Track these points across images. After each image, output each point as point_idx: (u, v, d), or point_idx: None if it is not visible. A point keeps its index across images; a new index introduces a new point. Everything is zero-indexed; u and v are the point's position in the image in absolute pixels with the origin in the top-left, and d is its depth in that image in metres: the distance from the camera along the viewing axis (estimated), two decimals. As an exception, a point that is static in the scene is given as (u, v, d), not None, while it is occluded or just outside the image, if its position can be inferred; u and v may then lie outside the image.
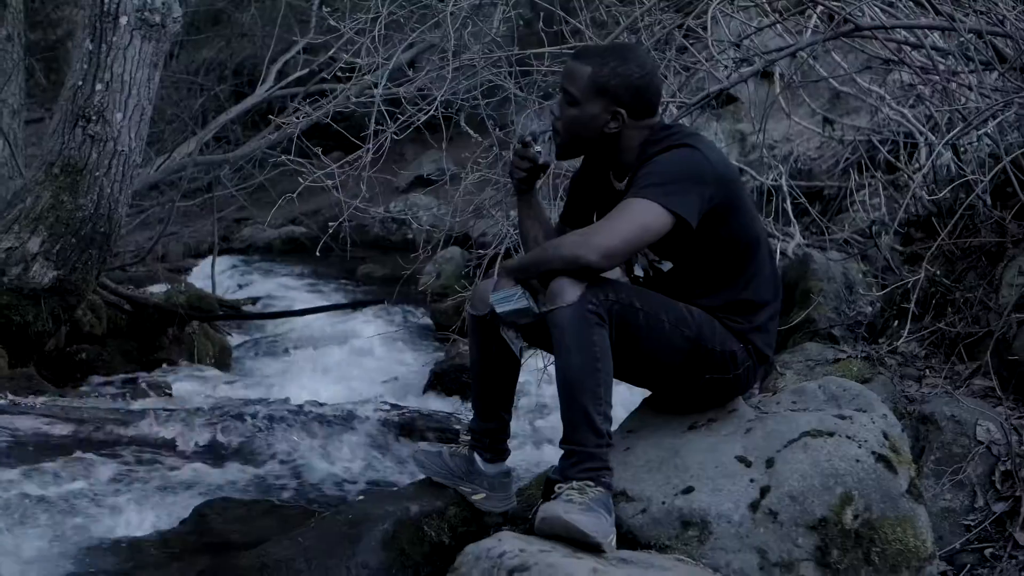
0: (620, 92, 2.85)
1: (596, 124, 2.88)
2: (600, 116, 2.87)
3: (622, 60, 2.87)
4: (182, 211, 9.68)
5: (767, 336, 2.98)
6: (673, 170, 2.75)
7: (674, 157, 2.79)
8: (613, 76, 2.84)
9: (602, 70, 2.84)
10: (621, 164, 2.93)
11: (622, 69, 2.85)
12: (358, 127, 5.07)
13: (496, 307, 2.80)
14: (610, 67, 2.84)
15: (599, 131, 2.88)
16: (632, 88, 2.85)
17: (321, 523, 3.09)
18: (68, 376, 5.82)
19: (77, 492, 4.01)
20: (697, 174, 2.76)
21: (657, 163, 2.79)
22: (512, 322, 2.84)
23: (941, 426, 3.30)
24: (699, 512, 2.72)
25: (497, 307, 2.80)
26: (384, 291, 8.03)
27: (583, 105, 2.87)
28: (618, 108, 2.86)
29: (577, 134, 2.91)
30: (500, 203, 4.97)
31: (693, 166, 2.77)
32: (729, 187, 2.83)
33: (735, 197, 2.86)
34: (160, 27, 5.45)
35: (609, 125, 2.87)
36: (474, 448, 3.08)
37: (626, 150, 2.91)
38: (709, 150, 2.84)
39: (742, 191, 2.94)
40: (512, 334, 2.89)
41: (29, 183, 5.51)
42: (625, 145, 2.90)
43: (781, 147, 7.16)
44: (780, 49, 4.33)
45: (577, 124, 2.89)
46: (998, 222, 3.95)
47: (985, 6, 4.01)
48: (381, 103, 4.53)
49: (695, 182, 2.75)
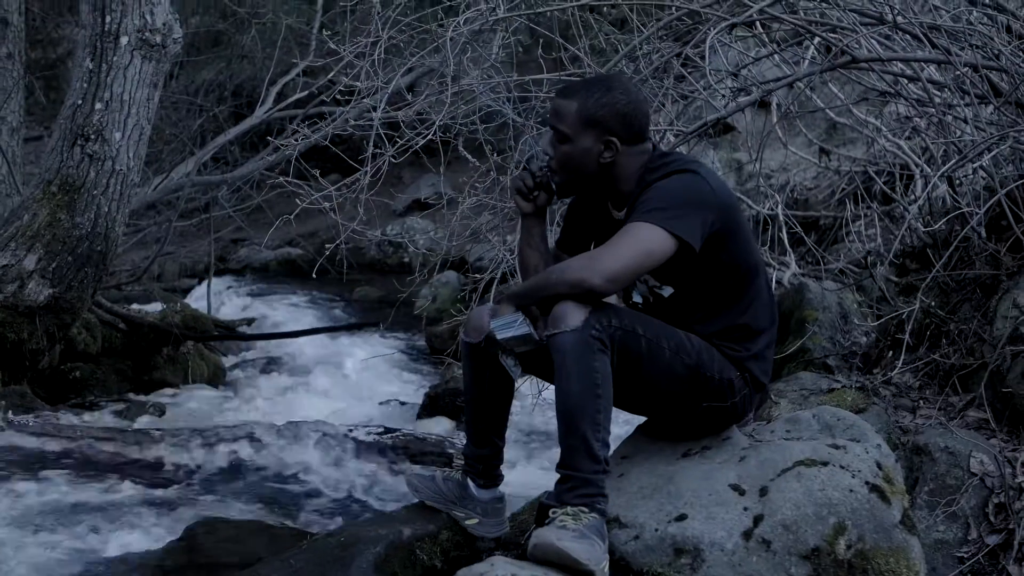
0: (609, 121, 2.86)
1: (591, 156, 2.89)
2: (594, 148, 2.88)
3: (606, 90, 2.89)
4: (179, 231, 9.67)
5: (764, 364, 2.99)
6: (675, 195, 2.77)
7: (675, 182, 2.80)
8: (600, 107, 2.86)
9: (587, 102, 2.86)
10: (620, 193, 2.94)
11: (607, 99, 2.87)
12: (356, 150, 5.09)
13: (496, 333, 2.79)
14: (595, 98, 2.86)
15: (595, 163, 2.90)
16: (620, 115, 2.87)
17: (313, 545, 3.08)
18: (62, 394, 5.81)
19: (69, 510, 4.00)
20: (698, 199, 2.78)
21: (658, 188, 2.80)
22: (510, 349, 2.83)
23: (935, 457, 3.30)
24: (692, 540, 2.71)
25: (497, 333, 2.79)
26: (379, 314, 8.02)
27: (575, 140, 2.88)
28: (610, 137, 2.87)
29: (575, 169, 2.92)
30: (497, 228, 4.98)
31: (694, 191, 2.79)
32: (729, 213, 2.85)
33: (735, 223, 2.87)
34: (160, 47, 5.47)
35: (604, 155, 2.89)
36: (467, 473, 3.07)
37: (624, 178, 2.92)
38: (709, 176, 2.86)
39: (741, 217, 2.96)
40: (511, 361, 2.88)
41: (27, 200, 5.51)
42: (622, 173, 2.91)
43: (777, 177, 7.19)
44: (778, 79, 4.35)
45: (573, 160, 2.91)
46: (993, 254, 3.96)
47: (981, 40, 4.05)
48: (380, 126, 4.54)
49: (697, 207, 2.76)
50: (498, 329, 2.80)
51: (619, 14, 5.86)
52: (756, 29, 4.62)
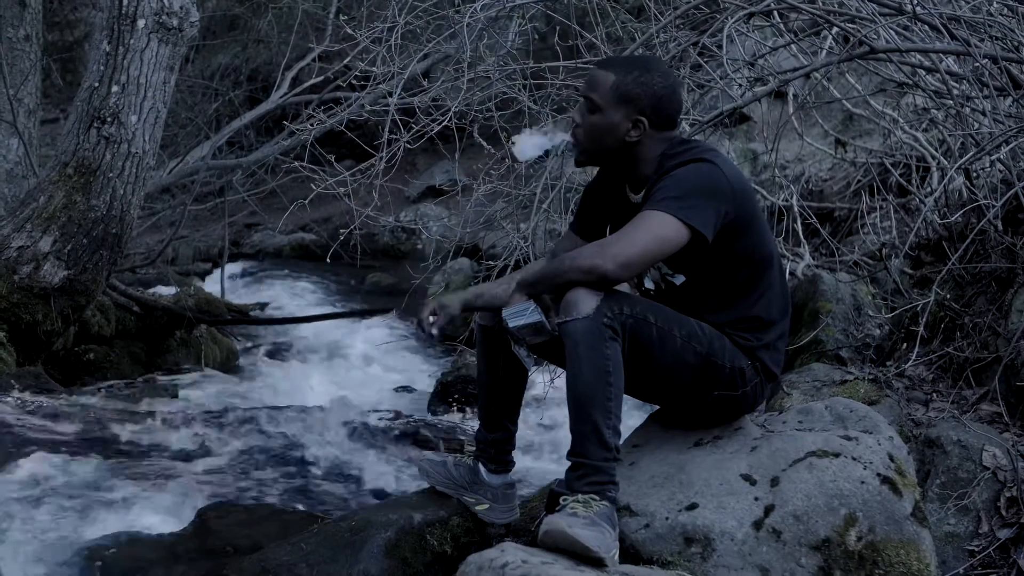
0: (642, 101, 2.86)
1: (617, 132, 2.88)
2: (622, 124, 2.88)
3: (646, 70, 2.88)
4: (193, 215, 9.69)
5: (776, 354, 2.98)
6: (690, 184, 2.76)
7: (691, 171, 2.79)
8: (636, 85, 2.86)
9: (626, 78, 2.86)
10: (638, 175, 2.94)
11: (645, 79, 2.86)
12: (371, 136, 5.08)
13: (508, 322, 2.79)
14: (633, 76, 2.86)
15: (620, 139, 2.89)
16: (655, 98, 2.87)
17: (324, 529, 3.10)
18: (75, 376, 5.83)
19: (80, 493, 4.01)
20: (714, 189, 2.77)
21: (674, 177, 2.79)
22: (522, 338, 2.83)
23: (947, 450, 3.29)
24: (702, 529, 2.71)
25: (509, 322, 2.79)
26: (392, 300, 8.03)
27: (605, 112, 2.88)
28: (640, 117, 2.87)
29: (598, 141, 2.92)
30: (511, 215, 4.98)
31: (710, 181, 2.78)
32: (745, 203, 2.84)
33: (750, 213, 2.86)
34: (177, 31, 5.47)
35: (630, 133, 2.88)
36: (479, 458, 3.08)
37: (644, 161, 2.91)
38: (726, 165, 2.85)
39: (756, 208, 2.94)
40: (523, 351, 2.88)
41: (42, 182, 5.53)
42: (644, 155, 2.91)
43: (793, 167, 7.17)
44: (794, 69, 4.33)
45: (598, 131, 2.90)
46: (1009, 248, 3.95)
47: (1001, 32, 4.02)
48: (395, 112, 4.53)
49: (712, 197, 2.76)
50: (510, 317, 2.79)
51: (636, 2, 5.85)
52: (773, 18, 4.60)
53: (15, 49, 6.93)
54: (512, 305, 2.82)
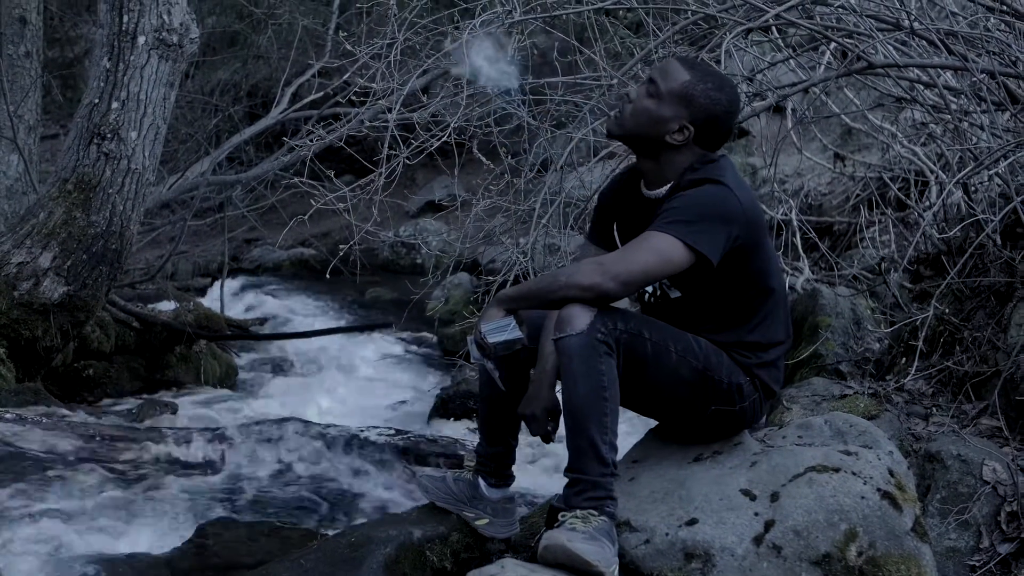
0: (700, 112, 2.86)
1: (662, 126, 2.87)
2: (671, 122, 2.87)
3: (718, 87, 2.89)
4: (193, 230, 9.70)
5: (775, 372, 2.98)
6: (702, 207, 2.76)
7: (705, 194, 2.79)
8: (703, 95, 2.86)
9: (697, 84, 2.86)
10: (660, 175, 2.93)
11: (714, 94, 2.86)
12: (371, 151, 5.09)
13: (488, 338, 2.76)
14: (705, 85, 2.86)
15: (661, 135, 2.88)
16: (712, 115, 2.87)
17: (323, 545, 3.09)
18: (75, 392, 5.83)
19: (79, 508, 4.01)
20: (725, 213, 2.76)
21: (686, 198, 2.79)
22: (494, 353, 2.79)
23: (947, 465, 3.29)
24: (702, 544, 2.71)
25: (489, 337, 2.76)
26: (392, 315, 8.03)
27: (662, 103, 2.87)
28: (689, 124, 2.86)
29: (641, 125, 2.90)
30: (510, 230, 4.98)
31: (721, 205, 2.77)
32: (754, 229, 2.83)
33: (758, 240, 2.86)
34: (177, 47, 5.49)
35: (673, 135, 2.88)
36: (479, 472, 3.08)
37: (672, 165, 2.91)
38: (740, 190, 2.83)
39: (765, 234, 2.93)
40: (491, 365, 2.86)
41: (42, 198, 5.53)
42: (674, 160, 2.90)
43: (792, 182, 7.18)
44: (793, 84, 4.34)
45: (646, 116, 2.89)
46: (1008, 262, 3.95)
47: (998, 47, 4.03)
48: (394, 128, 4.54)
49: (722, 221, 2.75)
50: (489, 332, 2.77)
51: (635, 18, 5.86)
52: (772, 34, 4.61)
53: (16, 66, 6.95)
54: (490, 320, 2.79)
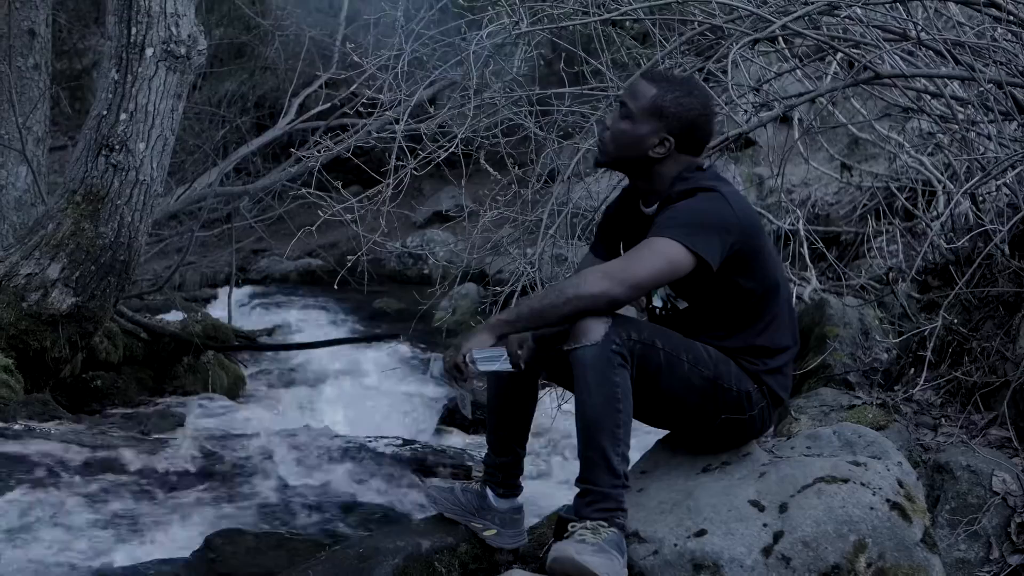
0: (675, 121, 2.87)
1: (643, 144, 2.89)
2: (649, 138, 2.88)
3: (687, 92, 2.90)
4: (200, 241, 9.71)
5: (783, 379, 2.98)
6: (697, 214, 2.77)
7: (698, 202, 2.80)
8: (674, 105, 2.87)
9: (666, 95, 2.87)
10: (652, 190, 2.95)
11: (685, 101, 2.87)
12: (378, 162, 5.10)
13: (479, 366, 2.75)
14: (674, 95, 2.87)
15: (643, 152, 2.90)
16: (688, 122, 2.88)
17: (331, 556, 3.08)
18: (83, 402, 5.84)
19: (87, 518, 4.01)
20: (720, 220, 2.78)
21: (681, 206, 2.81)
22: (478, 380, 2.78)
23: (956, 476, 3.28)
24: (711, 555, 2.70)
25: (480, 366, 2.75)
26: (399, 326, 8.03)
27: (636, 122, 2.89)
28: (669, 136, 2.88)
29: (622, 148, 2.92)
30: (517, 241, 4.98)
31: (715, 212, 2.79)
32: (750, 236, 2.84)
33: (756, 246, 2.86)
34: (185, 59, 5.51)
35: (655, 149, 2.89)
36: (487, 482, 3.07)
37: (660, 178, 2.93)
38: (733, 197, 2.85)
39: (763, 239, 2.94)
40: (465, 392, 2.85)
41: (51, 210, 5.55)
42: (662, 173, 2.92)
43: (799, 192, 7.17)
44: (800, 94, 4.34)
45: (625, 138, 2.91)
46: (1016, 272, 3.94)
47: (1005, 57, 4.03)
48: (402, 139, 4.55)
49: (717, 228, 2.77)
50: (481, 361, 2.75)
51: (641, 29, 5.86)
52: (779, 44, 4.61)
53: (24, 78, 6.97)
54: (482, 347, 2.76)
